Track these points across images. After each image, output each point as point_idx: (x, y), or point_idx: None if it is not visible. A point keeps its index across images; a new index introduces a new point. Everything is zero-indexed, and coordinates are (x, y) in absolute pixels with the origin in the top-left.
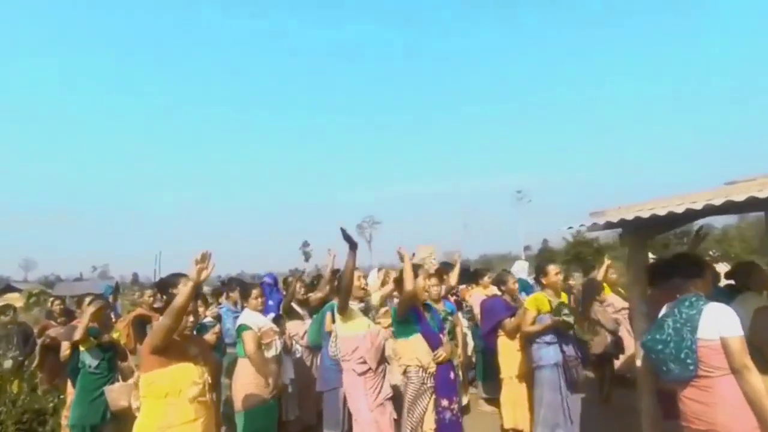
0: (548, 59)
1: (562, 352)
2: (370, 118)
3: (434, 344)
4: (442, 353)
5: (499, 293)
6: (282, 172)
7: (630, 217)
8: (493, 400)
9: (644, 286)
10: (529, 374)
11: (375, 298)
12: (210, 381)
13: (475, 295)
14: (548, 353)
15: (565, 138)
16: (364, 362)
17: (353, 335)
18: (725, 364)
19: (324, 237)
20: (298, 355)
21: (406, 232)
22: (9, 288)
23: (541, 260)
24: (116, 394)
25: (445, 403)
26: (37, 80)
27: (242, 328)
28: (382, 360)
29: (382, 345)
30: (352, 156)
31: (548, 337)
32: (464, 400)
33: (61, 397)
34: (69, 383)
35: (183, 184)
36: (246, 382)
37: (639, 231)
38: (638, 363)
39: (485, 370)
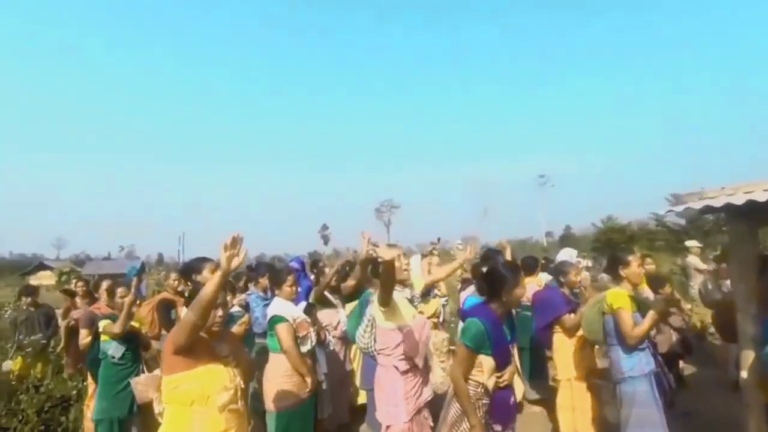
0: (577, 45)
1: (654, 356)
2: (391, 100)
3: (502, 363)
4: (506, 378)
5: (551, 285)
6: (302, 154)
7: (763, 198)
8: (542, 400)
9: (752, 282)
10: (589, 376)
11: (418, 286)
12: (242, 385)
13: (529, 287)
14: (641, 360)
15: (592, 124)
16: (409, 359)
17: (397, 326)
18: None
19: (343, 220)
20: (331, 348)
21: (425, 217)
22: (42, 266)
23: (616, 249)
24: (143, 386)
25: (498, 428)
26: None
27: (277, 320)
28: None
29: (429, 339)
30: (372, 138)
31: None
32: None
33: (84, 383)
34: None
35: (205, 165)
36: (280, 380)
37: (751, 217)
38: (743, 374)
39: (532, 369)
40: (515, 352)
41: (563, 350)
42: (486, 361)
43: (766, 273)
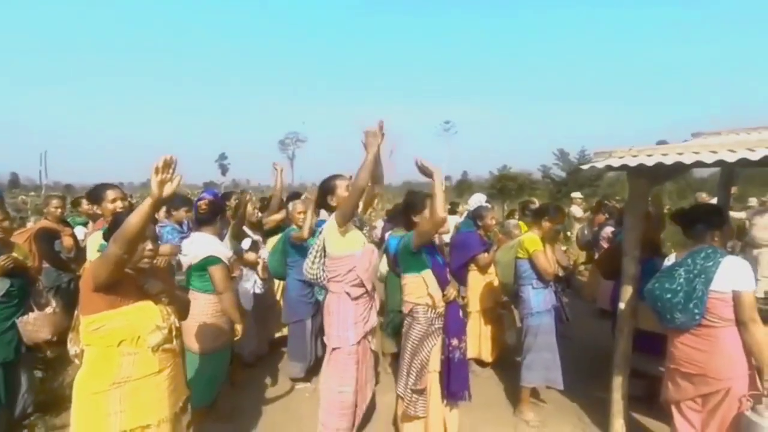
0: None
1: (556, 293)
2: (306, 32)
3: (443, 281)
4: (452, 291)
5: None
6: (198, 76)
7: (669, 161)
8: None
9: (640, 232)
10: (494, 308)
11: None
12: (177, 324)
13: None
14: (545, 298)
15: (497, 77)
16: (361, 284)
17: (349, 254)
18: (732, 315)
19: (243, 150)
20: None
21: (331, 153)
22: None
23: (542, 204)
24: (33, 326)
25: (455, 342)
26: None
27: (213, 261)
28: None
29: (378, 264)
30: (281, 70)
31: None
32: None
33: None
34: None
35: (77, 79)
36: (206, 322)
37: (651, 176)
38: (621, 306)
39: None
40: None
41: (475, 285)
42: (428, 278)
43: (649, 225)
